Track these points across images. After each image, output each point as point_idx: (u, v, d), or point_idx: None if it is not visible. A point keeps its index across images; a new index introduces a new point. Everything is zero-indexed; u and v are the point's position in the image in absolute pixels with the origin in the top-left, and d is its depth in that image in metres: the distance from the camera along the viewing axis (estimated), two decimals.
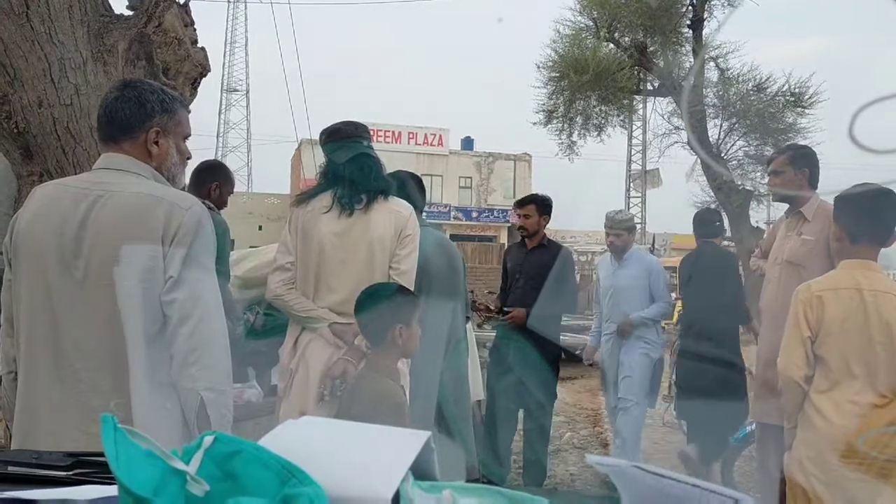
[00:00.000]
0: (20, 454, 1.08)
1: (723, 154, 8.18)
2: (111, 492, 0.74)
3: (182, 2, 3.25)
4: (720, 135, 8.19)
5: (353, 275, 2.42)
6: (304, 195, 2.58)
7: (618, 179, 30.69)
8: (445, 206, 30.05)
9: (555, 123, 8.72)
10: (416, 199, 2.96)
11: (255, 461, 0.62)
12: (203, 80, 3.42)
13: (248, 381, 3.12)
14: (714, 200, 8.14)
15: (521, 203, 4.32)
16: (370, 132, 2.65)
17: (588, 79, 7.77)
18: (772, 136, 7.88)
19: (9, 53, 2.54)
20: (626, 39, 8.26)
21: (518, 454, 4.39)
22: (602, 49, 8.05)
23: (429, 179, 25.54)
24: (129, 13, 2.98)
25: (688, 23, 8.02)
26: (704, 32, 8.06)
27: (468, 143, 32.90)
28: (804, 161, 3.09)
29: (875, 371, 2.23)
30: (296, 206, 2.57)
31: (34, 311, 1.63)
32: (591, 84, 7.89)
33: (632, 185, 29.69)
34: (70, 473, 0.90)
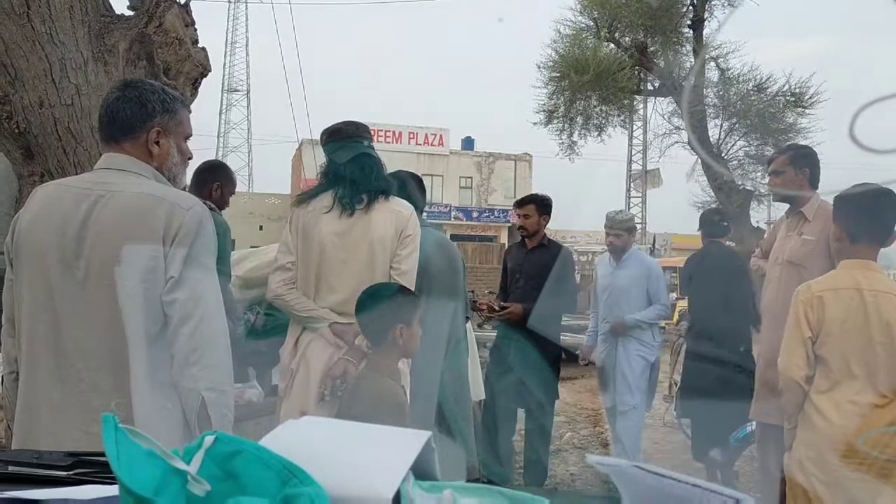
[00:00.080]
0: (21, 454, 1.08)
1: (723, 154, 8.19)
2: (112, 492, 0.74)
3: (183, 2, 3.25)
4: (721, 135, 8.20)
5: (354, 275, 2.42)
6: (305, 195, 2.58)
7: (618, 179, 30.68)
8: (446, 206, 30.04)
9: (555, 123, 8.74)
10: (417, 200, 2.96)
11: (256, 461, 0.62)
12: (204, 81, 3.42)
13: (249, 381, 3.12)
14: (714, 200, 8.14)
15: (521, 203, 4.31)
16: (371, 132, 2.65)
17: (588, 79, 7.78)
18: (772, 136, 7.88)
19: (10, 53, 2.54)
20: (627, 39, 8.27)
21: (519, 454, 4.39)
22: (602, 49, 8.06)
23: (429, 179, 25.53)
24: (130, 13, 2.98)
25: (688, 23, 8.03)
26: (705, 32, 8.07)
27: (469, 143, 32.89)
28: (805, 161, 3.09)
29: (875, 371, 2.23)
30: (297, 206, 2.57)
31: (35, 311, 1.63)
32: (592, 84, 7.90)
33: (632, 185, 29.64)
34: (71, 473, 0.90)
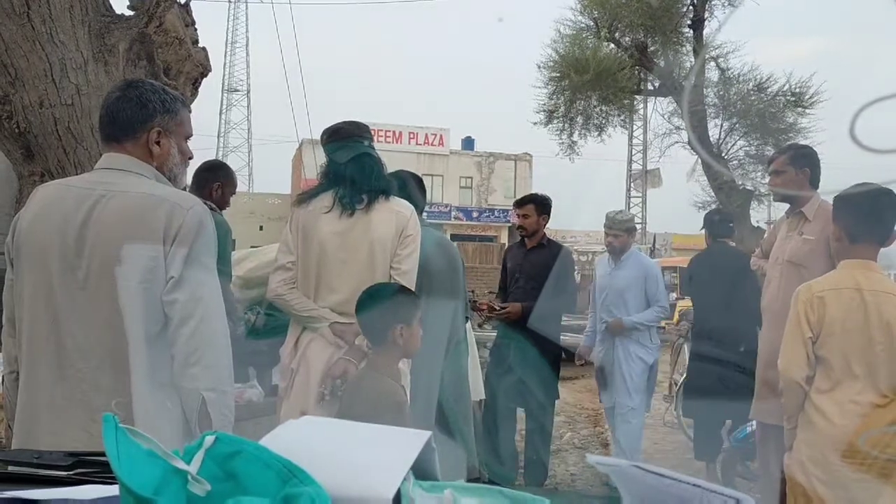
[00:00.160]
0: (21, 454, 1.08)
1: (723, 154, 8.20)
2: (112, 491, 0.74)
3: (183, 2, 3.25)
4: (721, 135, 8.21)
5: (354, 275, 2.42)
6: (306, 195, 2.58)
7: (618, 179, 30.64)
8: (446, 206, 30.04)
9: (555, 123, 8.75)
10: (417, 199, 2.96)
11: (257, 461, 0.62)
12: (204, 80, 3.43)
13: (249, 381, 3.12)
14: (715, 200, 8.15)
15: (520, 203, 4.32)
16: (371, 132, 2.65)
17: (589, 79, 7.79)
18: (772, 136, 7.89)
19: (10, 53, 2.54)
20: (627, 39, 8.27)
21: (519, 454, 4.39)
22: (603, 49, 8.06)
23: (429, 179, 25.53)
24: (130, 13, 2.98)
25: (688, 23, 8.04)
26: (705, 32, 8.08)
27: (469, 143, 32.89)
28: (805, 161, 3.09)
29: (876, 371, 2.23)
30: (297, 206, 2.57)
31: (36, 311, 1.63)
32: (592, 84, 7.91)
33: (632, 185, 29.61)
34: (71, 473, 0.90)
